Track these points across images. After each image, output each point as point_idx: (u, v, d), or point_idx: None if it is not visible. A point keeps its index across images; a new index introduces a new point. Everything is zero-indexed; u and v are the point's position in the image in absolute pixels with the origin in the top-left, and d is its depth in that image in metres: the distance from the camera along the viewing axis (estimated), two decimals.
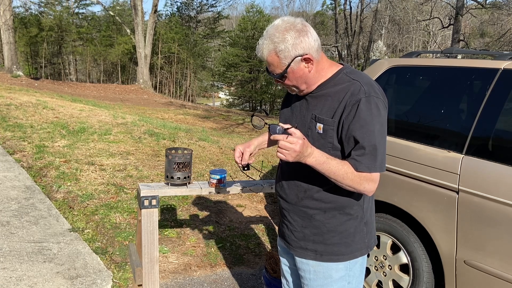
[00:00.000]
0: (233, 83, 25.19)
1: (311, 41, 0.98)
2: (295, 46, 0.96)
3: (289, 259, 1.24)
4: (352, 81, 1.00)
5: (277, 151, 0.92)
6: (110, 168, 3.64)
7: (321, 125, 1.01)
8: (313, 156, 0.94)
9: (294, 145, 0.90)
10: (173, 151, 1.68)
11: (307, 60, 0.99)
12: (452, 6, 14.21)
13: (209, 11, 26.01)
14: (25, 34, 20.95)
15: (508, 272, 1.42)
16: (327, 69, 1.04)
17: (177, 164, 1.63)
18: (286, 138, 0.90)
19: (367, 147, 0.96)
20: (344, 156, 1.02)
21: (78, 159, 3.80)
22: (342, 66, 1.06)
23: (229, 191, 1.67)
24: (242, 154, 1.19)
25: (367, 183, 0.98)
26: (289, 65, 0.98)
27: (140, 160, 3.99)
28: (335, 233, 1.06)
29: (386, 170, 1.79)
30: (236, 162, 1.19)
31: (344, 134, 0.99)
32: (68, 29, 22.30)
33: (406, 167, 1.77)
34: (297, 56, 0.98)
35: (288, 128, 0.92)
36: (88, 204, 2.90)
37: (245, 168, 1.20)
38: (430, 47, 26.85)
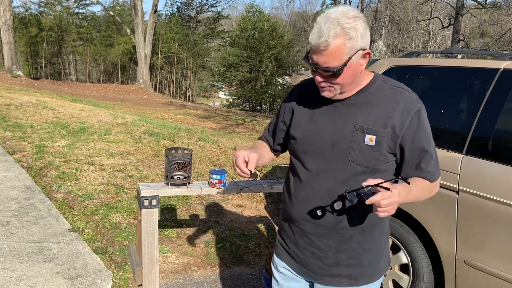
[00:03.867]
0: (233, 83, 25.19)
1: (369, 35, 0.87)
2: (363, 36, 0.83)
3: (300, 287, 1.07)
4: (396, 89, 0.92)
5: (379, 211, 0.78)
6: (110, 168, 3.64)
7: (373, 137, 0.89)
8: (400, 194, 0.82)
9: (395, 197, 0.78)
10: (173, 151, 1.68)
11: (366, 56, 0.86)
12: (452, 6, 14.21)
13: (209, 11, 26.02)
14: (25, 34, 20.94)
15: (508, 272, 1.42)
16: (365, 74, 0.94)
17: (177, 164, 1.63)
18: (384, 196, 0.77)
19: (434, 155, 0.94)
20: (402, 167, 0.94)
21: (78, 159, 3.80)
22: (373, 73, 0.97)
23: (229, 191, 1.67)
24: (246, 161, 0.96)
25: (436, 188, 0.97)
26: (350, 58, 0.84)
27: (140, 160, 3.98)
28: (371, 252, 0.98)
29: None
30: (238, 169, 0.96)
31: (409, 145, 0.91)
32: (68, 29, 22.30)
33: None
34: (361, 49, 0.84)
35: (379, 184, 0.79)
36: (88, 204, 2.90)
37: (252, 178, 0.99)
38: (430, 47, 26.86)
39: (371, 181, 0.81)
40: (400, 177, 0.96)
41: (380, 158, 0.91)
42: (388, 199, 0.77)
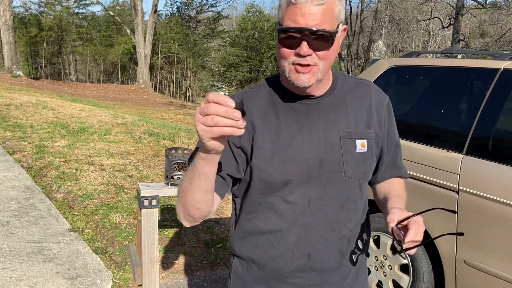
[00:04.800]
0: (233, 83, 25.19)
1: None
2: (342, 9, 0.69)
3: None
4: (361, 82, 0.80)
5: (409, 246, 0.62)
6: (110, 168, 3.64)
7: (364, 141, 0.74)
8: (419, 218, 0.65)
9: (422, 224, 0.63)
10: (173, 151, 1.68)
11: (344, 32, 0.72)
12: (452, 6, 14.22)
13: (209, 11, 26.02)
14: (25, 34, 20.94)
15: (508, 272, 1.42)
16: (330, 70, 0.77)
17: (177, 164, 1.63)
18: (419, 231, 0.61)
19: (401, 148, 0.84)
20: (378, 170, 0.82)
21: (78, 159, 3.80)
22: None
23: (229, 191, 1.67)
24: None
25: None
26: (338, 26, 0.68)
27: (140, 160, 3.98)
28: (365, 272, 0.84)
29: None
30: (217, 117, 0.54)
31: (386, 143, 0.80)
32: (68, 29, 22.30)
33: (406, 167, 1.77)
34: (341, 22, 0.69)
35: (408, 218, 0.63)
36: (88, 204, 2.90)
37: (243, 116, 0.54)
38: (430, 47, 26.86)
39: (394, 219, 0.64)
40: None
41: (372, 165, 0.77)
42: (421, 231, 0.62)
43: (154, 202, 1.58)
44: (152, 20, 16.04)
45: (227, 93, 26.89)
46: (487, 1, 13.97)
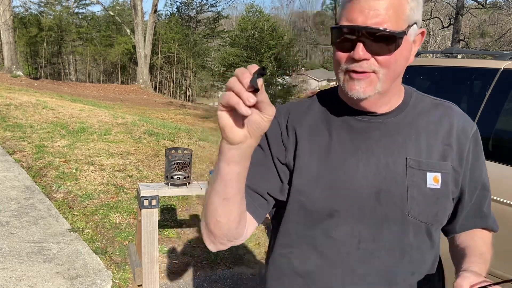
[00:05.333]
0: None
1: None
2: (419, 7, 0.56)
3: None
4: (441, 103, 0.64)
5: None
6: (110, 168, 3.64)
7: (438, 175, 0.59)
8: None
9: None
10: (173, 151, 1.67)
11: (419, 38, 0.59)
12: (452, 6, 14.23)
13: (209, 11, 26.01)
14: (25, 34, 20.93)
15: (509, 272, 1.42)
16: (400, 85, 0.63)
17: (177, 164, 1.63)
18: None
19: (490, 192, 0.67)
20: (457, 216, 0.66)
21: (78, 159, 3.80)
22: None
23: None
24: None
25: None
26: (408, 27, 0.55)
27: (140, 160, 3.98)
28: None
29: None
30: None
31: (469, 181, 0.63)
32: (68, 29, 22.29)
33: None
34: (416, 23, 0.56)
35: (483, 287, 0.49)
36: (88, 204, 2.90)
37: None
38: (430, 47, 26.87)
39: (462, 286, 0.50)
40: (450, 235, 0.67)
41: (447, 207, 0.61)
42: None
43: (154, 202, 1.58)
44: (152, 20, 16.03)
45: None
46: (487, 1, 13.98)
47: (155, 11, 16.29)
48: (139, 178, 3.48)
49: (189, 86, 23.18)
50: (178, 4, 26.13)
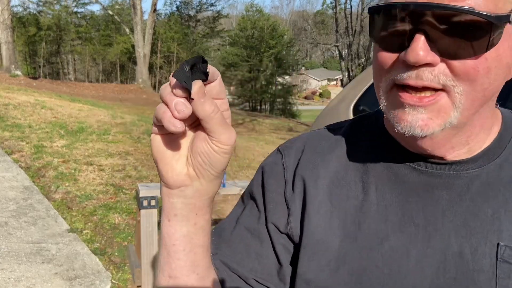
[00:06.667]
0: (233, 83, 25.19)
1: None
2: None
3: None
4: None
5: None
6: (109, 168, 3.62)
7: None
8: None
9: None
10: None
11: None
12: None
13: (208, 10, 25.99)
14: (24, 33, 20.88)
15: None
16: (494, 110, 0.37)
17: None
18: None
19: None
20: None
21: (77, 159, 3.78)
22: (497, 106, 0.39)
23: (228, 192, 1.66)
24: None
25: None
26: (508, 18, 0.30)
27: (139, 160, 3.97)
28: None
29: None
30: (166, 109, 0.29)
31: None
32: (67, 28, 22.25)
33: None
34: None
35: None
36: (86, 204, 2.89)
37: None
38: None
39: None
40: None
41: None
42: None
43: (153, 202, 1.57)
44: (151, 19, 16.01)
45: (227, 93, 26.83)
46: None
47: (155, 10, 16.28)
48: (138, 178, 3.47)
49: None
50: (178, 3, 26.08)
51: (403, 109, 0.32)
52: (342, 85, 18.94)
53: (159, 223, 2.66)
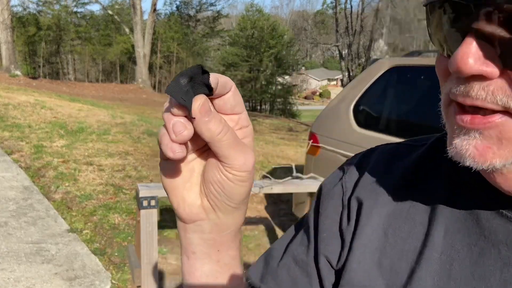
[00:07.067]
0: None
1: None
2: None
3: None
4: None
5: None
6: (109, 169, 3.62)
7: None
8: None
9: None
10: None
11: None
12: None
13: (208, 10, 25.99)
14: (23, 33, 20.88)
15: None
16: None
17: None
18: None
19: None
20: None
21: (77, 159, 3.78)
22: None
23: None
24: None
25: None
26: None
27: (139, 160, 3.97)
28: None
29: None
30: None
31: None
32: (67, 28, 22.25)
33: None
34: None
35: None
36: (86, 204, 2.88)
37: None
38: (432, 46, 26.88)
39: None
40: None
41: None
42: None
43: (153, 202, 1.56)
44: (151, 19, 16.02)
45: None
46: None
47: (154, 10, 16.28)
48: (138, 178, 3.47)
49: None
50: (178, 3, 26.07)
51: (453, 130, 0.24)
52: (342, 85, 18.94)
53: (159, 223, 2.66)
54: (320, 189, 0.36)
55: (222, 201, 0.25)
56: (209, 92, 0.23)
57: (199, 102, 0.22)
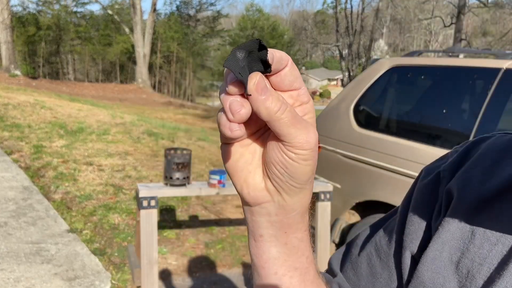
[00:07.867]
0: None
1: None
2: None
3: None
4: None
5: None
6: (109, 169, 3.62)
7: None
8: None
9: None
10: (172, 151, 1.66)
11: None
12: (454, 5, 14.23)
13: (208, 10, 25.99)
14: (23, 33, 20.87)
15: None
16: None
17: (176, 164, 1.61)
18: None
19: None
20: None
21: (76, 159, 3.78)
22: None
23: (228, 192, 1.66)
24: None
25: None
26: None
27: (139, 161, 3.97)
28: None
29: (387, 170, 1.78)
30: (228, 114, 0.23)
31: None
32: (66, 28, 22.24)
33: (408, 167, 1.75)
34: None
35: None
36: (86, 204, 2.88)
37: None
38: (432, 46, 26.86)
39: None
40: None
41: None
42: None
43: (153, 202, 1.56)
44: (151, 19, 16.02)
45: None
46: (489, 0, 13.98)
47: (154, 10, 16.28)
48: (138, 178, 3.46)
49: (188, 85, 23.17)
50: (178, 3, 26.09)
51: None
52: (343, 85, 18.93)
53: (159, 223, 2.65)
54: (419, 175, 0.33)
55: (286, 182, 0.24)
56: (265, 69, 0.21)
57: (254, 80, 0.21)
